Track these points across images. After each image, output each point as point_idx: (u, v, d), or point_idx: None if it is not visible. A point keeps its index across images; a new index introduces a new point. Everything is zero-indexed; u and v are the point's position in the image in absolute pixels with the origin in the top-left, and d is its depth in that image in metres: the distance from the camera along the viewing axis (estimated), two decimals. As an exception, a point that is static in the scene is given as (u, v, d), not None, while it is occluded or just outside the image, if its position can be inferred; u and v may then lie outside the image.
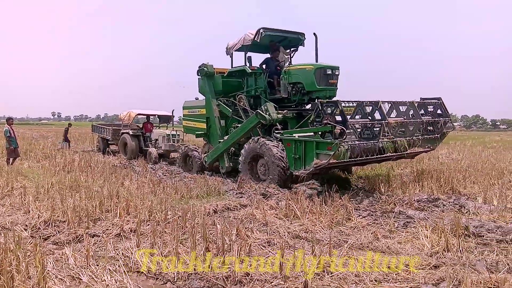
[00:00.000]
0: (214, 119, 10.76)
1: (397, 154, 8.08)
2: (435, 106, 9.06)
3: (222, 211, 6.55)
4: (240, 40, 10.09)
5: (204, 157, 10.76)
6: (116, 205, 6.13)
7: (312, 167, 7.23)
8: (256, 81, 10.07)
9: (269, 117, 8.71)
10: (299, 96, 9.23)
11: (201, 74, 11.10)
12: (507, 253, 4.35)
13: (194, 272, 3.86)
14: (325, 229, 5.46)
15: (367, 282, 3.67)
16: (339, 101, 7.13)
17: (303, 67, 9.07)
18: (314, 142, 7.31)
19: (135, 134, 15.80)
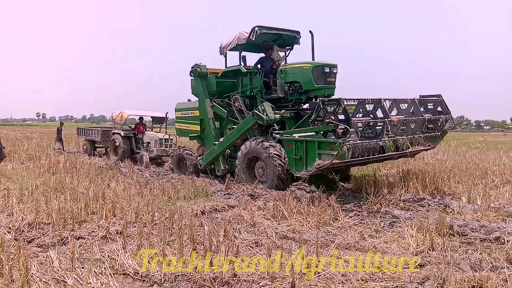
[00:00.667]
0: (208, 120, 10.49)
1: (398, 153, 7.92)
2: (435, 104, 8.90)
3: (210, 212, 6.53)
4: (234, 39, 9.83)
5: (199, 160, 10.53)
6: (102, 207, 6.05)
7: (315, 168, 7.01)
8: (252, 81, 9.86)
9: (266, 117, 8.53)
10: (296, 96, 9.06)
11: (194, 75, 10.77)
12: (490, 252, 4.43)
13: (181, 274, 3.84)
14: (312, 229, 5.49)
15: (353, 282, 3.70)
16: (342, 99, 6.94)
17: (300, 66, 8.89)
18: (316, 142, 7.09)
19: (127, 135, 15.36)
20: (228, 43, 10.11)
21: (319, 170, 7.08)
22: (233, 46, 9.92)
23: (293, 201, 6.59)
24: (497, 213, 6.09)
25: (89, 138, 17.58)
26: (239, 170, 9.02)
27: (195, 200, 7.47)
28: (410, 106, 8.13)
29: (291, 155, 7.57)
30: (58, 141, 18.86)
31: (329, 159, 6.78)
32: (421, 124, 8.25)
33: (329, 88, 8.75)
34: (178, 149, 11.53)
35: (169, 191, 7.85)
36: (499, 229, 5.21)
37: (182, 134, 12.18)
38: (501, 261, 4.11)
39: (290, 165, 7.66)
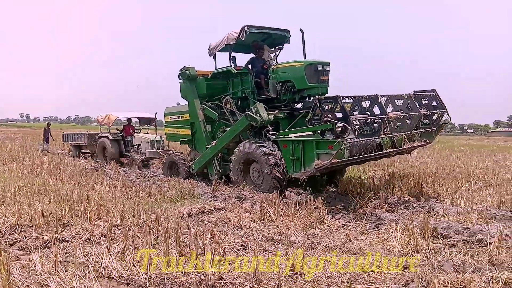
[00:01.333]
0: (199, 124, 10.19)
1: (396, 150, 7.78)
2: (430, 98, 8.72)
3: (196, 214, 6.49)
4: (223, 39, 9.59)
5: (192, 164, 10.24)
6: (86, 209, 5.97)
7: (313, 169, 6.80)
8: (243, 82, 9.66)
9: (260, 118, 8.28)
10: (289, 95, 8.86)
11: (183, 78, 10.46)
12: (473, 254, 4.50)
13: (167, 277, 3.81)
14: (299, 231, 5.51)
15: (339, 284, 3.73)
16: (339, 96, 6.72)
17: (292, 65, 8.70)
18: (314, 141, 6.89)
19: (115, 138, 14.95)
20: (217, 44, 9.89)
21: (318, 170, 6.90)
22: (222, 46, 9.70)
23: (280, 203, 6.60)
24: (480, 216, 6.20)
25: (75, 143, 17.09)
26: (234, 173, 8.81)
27: (181, 203, 7.42)
28: (406, 102, 8.00)
29: (288, 156, 7.36)
30: (45, 141, 18.55)
31: (328, 158, 6.59)
32: (417, 119, 8.12)
33: (322, 87, 8.57)
34: (169, 154, 11.21)
35: (155, 193, 7.78)
36: (481, 231, 5.30)
37: (172, 139, 11.89)
38: (484, 263, 4.18)
39: (288, 166, 7.45)
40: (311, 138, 7.06)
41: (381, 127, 7.17)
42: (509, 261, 4.24)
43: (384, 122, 7.16)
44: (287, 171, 7.56)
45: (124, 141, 15.11)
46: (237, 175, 8.74)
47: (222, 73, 10.02)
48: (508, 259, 4.28)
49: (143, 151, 13.99)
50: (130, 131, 15.35)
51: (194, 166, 10.12)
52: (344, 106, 6.71)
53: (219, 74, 10.10)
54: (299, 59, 8.88)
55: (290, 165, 7.33)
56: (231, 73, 9.72)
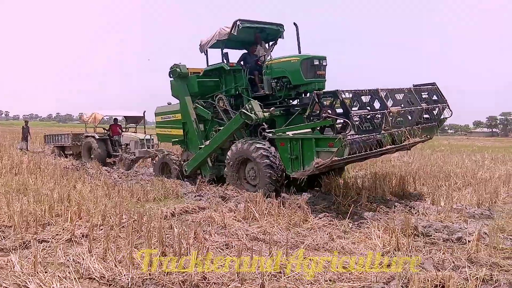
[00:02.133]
0: (191, 123, 9.79)
1: (397, 146, 7.53)
2: (430, 92, 8.36)
3: (180, 214, 6.46)
4: (215, 35, 9.20)
5: (185, 165, 9.87)
6: (67, 209, 5.88)
7: (313, 168, 6.47)
8: (236, 79, 9.27)
9: (255, 116, 7.98)
10: (284, 92, 8.50)
11: (174, 76, 10.04)
12: (453, 252, 4.60)
13: (149, 277, 3.78)
14: (282, 230, 5.53)
15: (322, 282, 3.76)
16: (339, 91, 6.42)
17: (287, 60, 8.34)
18: (313, 139, 6.57)
19: (102, 138, 14.35)
20: (208, 40, 9.49)
21: (318, 169, 6.59)
22: (213, 42, 9.29)
23: (264, 202, 6.61)
24: (459, 214, 6.34)
25: (58, 144, 16.36)
26: (229, 174, 8.45)
27: (165, 202, 7.37)
28: (407, 96, 7.67)
29: (285, 155, 7.01)
30: (24, 140, 18.14)
31: (329, 156, 6.28)
32: (418, 114, 7.82)
33: (319, 82, 8.20)
34: (161, 154, 10.76)
35: (138, 193, 7.70)
36: (461, 230, 5.42)
37: (164, 140, 11.54)
38: (463, 261, 4.28)
39: (286, 165, 7.12)
40: (310, 136, 6.79)
41: (382, 122, 6.88)
42: (487, 258, 4.34)
43: (385, 117, 6.87)
44: (285, 171, 7.23)
45: (111, 141, 14.56)
46: (232, 176, 8.41)
47: (214, 70, 9.65)
48: (486, 256, 4.38)
49: (132, 151, 13.54)
50: (118, 130, 14.85)
51: (188, 167, 9.76)
52: (345, 101, 6.45)
53: (211, 71, 9.74)
54: (294, 54, 8.62)
55: (288, 164, 7.00)
56: (223, 69, 9.37)
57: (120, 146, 14.26)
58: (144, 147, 13.40)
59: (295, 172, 6.91)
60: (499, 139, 60.89)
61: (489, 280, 3.77)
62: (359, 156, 6.90)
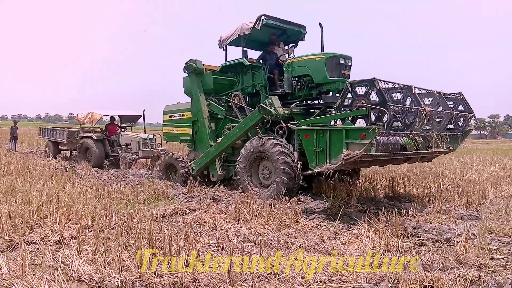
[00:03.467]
0: (203, 121, 9.44)
1: (422, 153, 6.99)
2: (456, 102, 7.91)
3: (171, 215, 6.42)
4: (237, 30, 8.91)
5: (192, 164, 9.47)
6: (56, 211, 5.81)
7: (342, 160, 6.10)
8: (254, 77, 9.00)
9: (275, 111, 7.61)
10: (305, 91, 8.22)
11: (189, 71, 9.70)
12: (442, 253, 4.64)
13: (139, 279, 3.75)
14: (273, 232, 5.53)
15: (312, 283, 3.76)
16: (376, 79, 6.11)
17: (311, 58, 8.04)
18: (343, 130, 6.23)
19: (99, 138, 13.77)
20: (228, 35, 9.20)
21: (347, 162, 6.17)
22: (234, 37, 9.04)
23: (255, 204, 6.61)
24: (448, 215, 6.41)
25: (53, 139, 15.81)
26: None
27: (155, 204, 7.32)
28: (436, 100, 7.21)
29: (310, 148, 6.69)
30: (12, 140, 17.88)
31: (360, 148, 5.92)
32: (447, 120, 7.30)
33: (343, 82, 7.75)
34: (166, 155, 10.32)
35: (128, 194, 7.64)
36: (449, 231, 5.48)
37: (171, 139, 11.29)
38: (451, 262, 4.32)
39: (309, 159, 6.77)
40: (339, 126, 6.45)
41: (415, 121, 6.37)
42: (475, 259, 4.39)
43: (420, 114, 6.38)
44: (309, 165, 6.82)
45: (109, 141, 14.10)
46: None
47: (232, 66, 9.39)
48: (474, 257, 4.43)
49: (133, 151, 13.15)
50: (115, 130, 14.45)
51: (195, 166, 9.38)
52: (382, 90, 6.06)
53: (229, 67, 9.47)
54: (318, 52, 8.34)
55: (313, 157, 6.66)
56: (243, 66, 9.06)
57: (119, 146, 13.87)
58: (147, 147, 13.08)
59: (319, 166, 6.56)
60: (487, 141, 61.73)
61: (477, 281, 3.81)
62: (384, 157, 6.57)
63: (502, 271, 4.15)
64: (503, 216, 6.55)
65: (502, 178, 10.83)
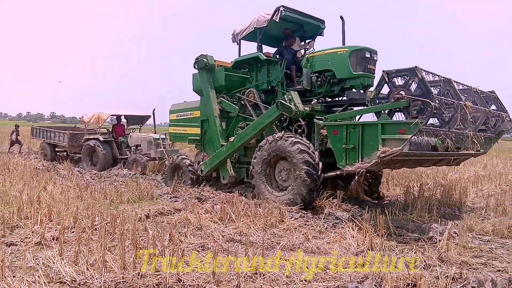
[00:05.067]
0: (214, 120, 8.88)
1: (453, 154, 6.40)
2: (489, 101, 7.31)
3: (155, 216, 6.36)
4: (252, 23, 8.34)
5: (201, 165, 8.94)
6: (37, 211, 5.68)
7: (377, 159, 5.56)
8: (269, 72, 8.46)
9: (295, 108, 7.03)
10: (326, 87, 7.60)
11: (199, 67, 9.13)
12: (424, 251, 4.72)
13: (123, 281, 3.70)
14: (259, 231, 5.53)
15: (297, 282, 3.77)
16: (418, 67, 5.64)
17: (333, 52, 7.48)
18: (379, 124, 5.70)
19: (106, 140, 13.02)
20: (243, 29, 8.66)
21: (383, 160, 5.61)
22: (250, 30, 8.47)
23: (241, 203, 6.60)
24: (430, 214, 6.51)
25: (50, 141, 14.78)
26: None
27: (139, 204, 7.24)
28: (473, 96, 6.67)
29: (339, 145, 6.21)
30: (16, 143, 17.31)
31: (400, 145, 5.40)
32: (484, 119, 6.75)
33: (368, 77, 7.31)
34: (174, 157, 9.81)
35: (112, 195, 7.54)
36: (432, 229, 5.57)
37: (177, 139, 10.87)
38: (434, 260, 4.39)
39: (338, 157, 6.27)
40: (374, 121, 5.98)
41: (457, 118, 5.81)
42: (457, 257, 4.47)
43: (461, 110, 5.83)
44: (338, 164, 6.34)
45: (116, 143, 13.34)
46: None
47: (246, 61, 8.82)
48: (456, 255, 4.51)
49: (144, 152, 12.44)
50: (122, 131, 13.80)
51: (204, 167, 8.83)
52: (425, 80, 5.62)
53: (243, 62, 8.92)
54: (341, 46, 7.79)
55: (341, 156, 6.17)
56: (258, 61, 8.49)
57: (128, 148, 13.20)
58: (159, 147, 12.38)
59: (349, 165, 6.05)
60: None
61: (458, 278, 3.88)
62: (420, 156, 6.03)
63: (483, 269, 4.24)
64: (484, 215, 6.69)
65: (482, 178, 11.06)
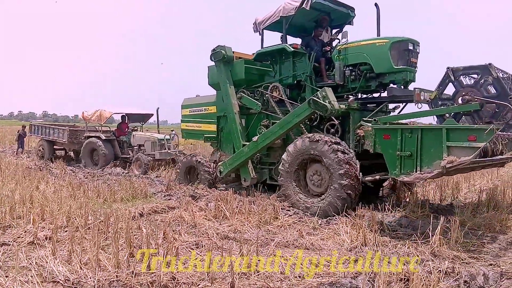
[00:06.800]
0: (233, 117, 8.23)
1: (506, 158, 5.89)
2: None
3: (149, 214, 6.34)
4: (277, 11, 7.65)
5: (220, 165, 8.31)
6: (30, 211, 5.64)
7: (441, 169, 4.95)
8: (295, 66, 7.68)
9: (330, 106, 6.43)
10: (362, 82, 6.97)
11: (216, 59, 8.45)
12: (417, 246, 4.75)
13: (116, 279, 3.69)
14: (253, 228, 5.55)
15: (291, 279, 3.79)
16: (492, 65, 5.11)
17: (371, 43, 6.84)
18: (444, 129, 5.01)
19: (108, 138, 12.75)
20: (266, 17, 7.92)
21: (449, 171, 5.06)
22: (275, 19, 7.73)
23: (235, 201, 6.60)
24: (423, 210, 6.55)
25: (49, 138, 14.45)
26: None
27: (133, 202, 7.22)
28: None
29: (391, 151, 5.53)
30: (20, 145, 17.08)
31: (469, 154, 4.79)
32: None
33: (411, 72, 6.70)
34: (188, 157, 9.37)
35: (105, 193, 7.51)
36: (425, 225, 5.60)
37: (191, 136, 10.23)
38: (426, 255, 4.42)
39: (390, 166, 5.58)
40: (437, 126, 5.38)
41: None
42: (449, 252, 4.51)
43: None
44: (390, 173, 5.67)
45: (118, 141, 13.04)
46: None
47: (269, 53, 8.03)
48: (448, 250, 4.55)
49: (148, 152, 12.06)
50: (124, 129, 13.43)
51: (223, 168, 8.20)
52: (501, 79, 5.12)
53: (266, 54, 8.13)
54: (379, 36, 7.22)
55: (395, 164, 5.49)
56: (284, 53, 7.74)
57: (130, 147, 12.87)
58: (163, 148, 12.03)
59: (405, 174, 5.40)
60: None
61: (451, 273, 3.91)
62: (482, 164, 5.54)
63: (475, 263, 4.28)
64: (476, 210, 6.75)
65: (474, 173, 11.10)
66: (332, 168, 6.22)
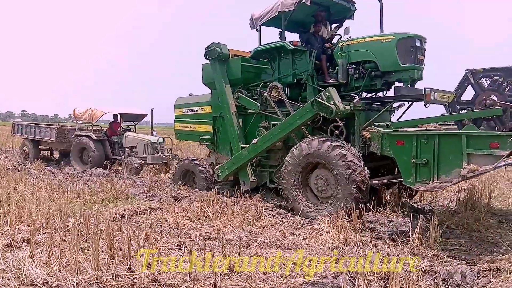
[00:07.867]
0: (230, 118, 7.86)
1: None
2: None
3: (130, 215, 6.27)
4: (275, 6, 7.25)
5: (217, 169, 7.94)
6: (7, 212, 5.51)
7: (460, 178, 4.72)
8: (295, 64, 7.34)
9: (335, 107, 6.10)
10: (366, 81, 6.64)
11: (211, 57, 8.02)
12: (397, 245, 4.83)
13: (96, 282, 3.64)
14: (236, 229, 5.55)
15: (274, 279, 3.80)
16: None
17: (375, 39, 6.51)
18: (464, 136, 4.72)
19: (99, 138, 12.18)
20: (263, 13, 7.53)
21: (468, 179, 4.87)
22: (273, 15, 7.33)
23: (218, 201, 6.59)
24: (403, 209, 6.65)
25: (34, 138, 13.67)
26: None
27: (113, 203, 7.12)
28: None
29: (405, 158, 5.25)
30: None
31: (492, 162, 4.54)
32: None
33: (418, 69, 6.41)
34: (184, 161, 9.08)
35: (85, 194, 7.39)
36: (405, 224, 5.71)
37: (185, 137, 9.90)
38: (406, 253, 4.50)
39: (404, 173, 5.32)
40: (456, 132, 5.11)
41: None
42: (428, 251, 4.61)
43: None
44: (404, 181, 5.40)
45: (109, 142, 12.50)
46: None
47: (267, 51, 7.66)
48: (427, 249, 4.65)
49: (140, 155, 11.56)
50: (117, 129, 12.85)
51: (221, 171, 7.84)
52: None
53: (264, 52, 7.77)
54: (384, 33, 6.88)
55: (409, 171, 5.19)
56: (283, 50, 7.37)
57: (122, 148, 12.35)
58: (156, 151, 11.57)
59: (421, 183, 5.10)
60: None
61: (430, 271, 3.98)
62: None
63: (453, 261, 4.39)
64: (454, 209, 6.89)
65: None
66: (339, 173, 5.95)
